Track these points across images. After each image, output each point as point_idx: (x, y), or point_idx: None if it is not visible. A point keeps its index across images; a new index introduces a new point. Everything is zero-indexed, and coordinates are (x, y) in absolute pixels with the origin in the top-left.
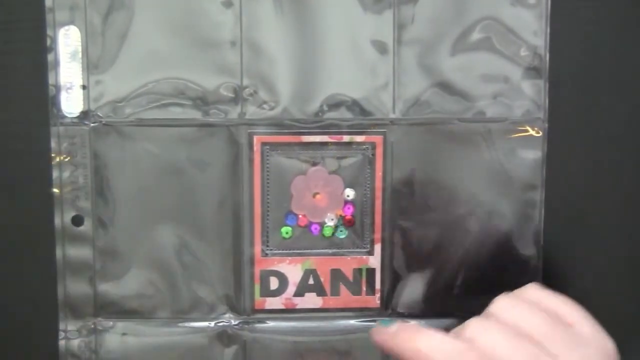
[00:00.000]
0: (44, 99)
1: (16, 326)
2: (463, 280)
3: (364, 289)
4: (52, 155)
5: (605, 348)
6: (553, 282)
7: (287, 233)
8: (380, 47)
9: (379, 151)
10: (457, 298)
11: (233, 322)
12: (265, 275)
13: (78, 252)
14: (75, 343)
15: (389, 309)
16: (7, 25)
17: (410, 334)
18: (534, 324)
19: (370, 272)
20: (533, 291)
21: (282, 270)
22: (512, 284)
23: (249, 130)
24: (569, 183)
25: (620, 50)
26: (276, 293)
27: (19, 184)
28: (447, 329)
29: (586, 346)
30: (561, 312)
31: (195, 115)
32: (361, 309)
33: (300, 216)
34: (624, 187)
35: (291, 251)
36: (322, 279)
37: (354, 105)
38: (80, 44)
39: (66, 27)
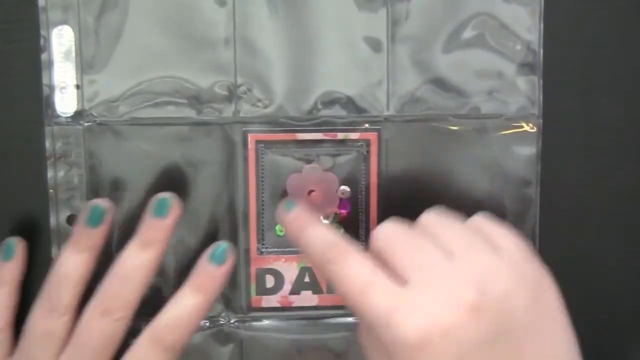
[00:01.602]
0: (37, 98)
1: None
2: None
3: None
4: (47, 155)
5: (527, 272)
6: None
7: (281, 230)
8: (374, 44)
9: (374, 148)
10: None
11: (229, 321)
12: (261, 274)
13: None
14: None
15: None
16: (0, 24)
17: (301, 224)
18: (449, 230)
19: None
20: (477, 218)
21: (278, 269)
22: None
23: (244, 129)
24: (564, 179)
25: (614, 46)
26: (272, 291)
27: (13, 183)
28: None
29: (496, 257)
30: (488, 231)
31: (190, 113)
32: None
33: None
34: (620, 183)
35: (287, 249)
36: (317, 277)
37: (348, 103)
38: (73, 43)
39: (59, 27)
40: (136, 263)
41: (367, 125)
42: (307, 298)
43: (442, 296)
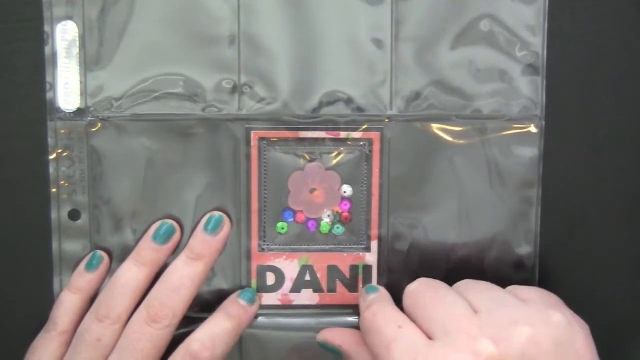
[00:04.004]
0: (41, 94)
1: (12, 321)
2: (459, 278)
3: (361, 286)
4: (49, 150)
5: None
6: (549, 281)
7: (282, 229)
8: (378, 44)
9: (377, 148)
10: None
11: None
12: (262, 271)
13: (75, 247)
14: None
15: None
16: (4, 20)
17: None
18: (477, 287)
19: (367, 269)
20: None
21: (279, 266)
22: (507, 282)
23: (247, 126)
24: (566, 181)
25: (618, 48)
26: (273, 289)
27: (15, 178)
28: None
29: (521, 307)
30: (516, 290)
31: (193, 110)
32: (358, 307)
33: (297, 212)
34: (622, 185)
35: (288, 247)
36: (318, 276)
37: (352, 102)
38: (78, 39)
39: (64, 23)
40: (185, 274)
41: (366, 125)
42: (308, 296)
43: (462, 350)
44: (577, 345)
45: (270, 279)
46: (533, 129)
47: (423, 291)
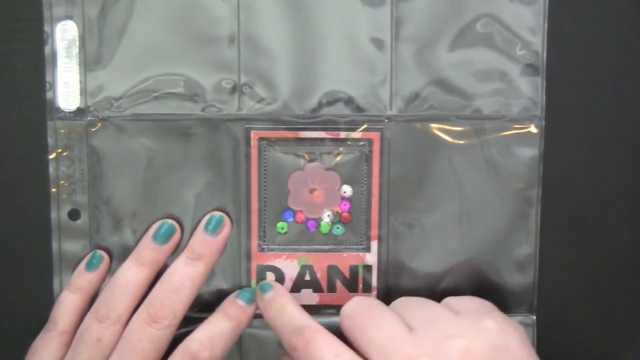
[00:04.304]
0: (40, 93)
1: (12, 321)
2: (458, 279)
3: (361, 286)
4: (49, 150)
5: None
6: (549, 281)
7: (282, 228)
8: (378, 44)
9: (376, 148)
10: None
11: None
12: (262, 271)
13: (74, 247)
14: None
15: None
16: (4, 20)
17: (274, 307)
18: (412, 305)
19: (367, 269)
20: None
21: (279, 266)
22: (507, 283)
23: (246, 126)
24: (566, 181)
25: (618, 48)
26: None
27: (15, 178)
28: None
29: (455, 320)
30: (452, 301)
31: (193, 110)
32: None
33: (297, 212)
34: (622, 185)
35: (288, 247)
36: (318, 275)
37: (351, 102)
38: (77, 39)
39: (63, 22)
40: (186, 274)
41: (365, 125)
42: (308, 296)
43: None
44: (512, 349)
45: (270, 278)
46: (533, 129)
47: (359, 313)
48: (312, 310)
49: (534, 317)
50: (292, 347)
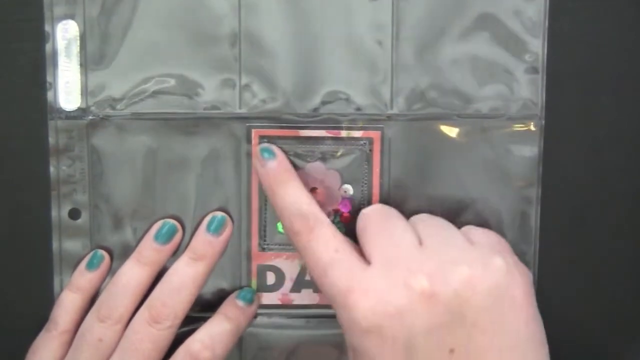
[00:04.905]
0: (41, 93)
1: (12, 321)
2: None
3: None
4: (50, 149)
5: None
6: (548, 280)
7: (283, 228)
8: (379, 43)
9: (377, 147)
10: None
11: None
12: (262, 270)
13: (75, 246)
14: None
15: None
16: (4, 20)
17: (279, 180)
18: (430, 223)
19: None
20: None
21: (279, 266)
22: None
23: (247, 124)
24: (566, 180)
25: (618, 48)
26: (273, 288)
27: (15, 178)
28: None
29: (466, 248)
30: (471, 230)
31: (194, 109)
32: None
33: None
34: (622, 185)
35: (288, 246)
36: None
37: (352, 101)
38: (78, 38)
39: (64, 22)
40: (187, 274)
41: (367, 124)
42: (308, 296)
43: (397, 281)
44: (515, 292)
45: (271, 278)
46: (533, 128)
47: (375, 216)
48: (312, 309)
49: None
50: (293, 231)
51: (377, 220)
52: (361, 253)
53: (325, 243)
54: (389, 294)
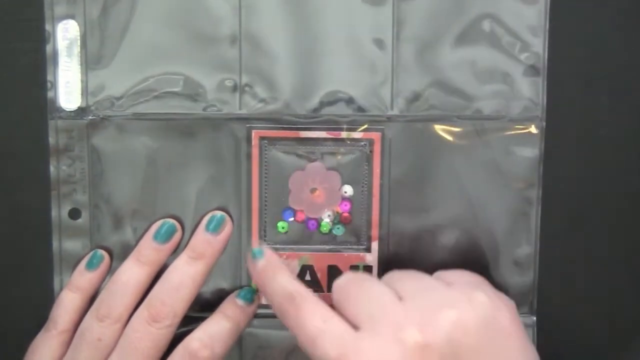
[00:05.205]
0: (42, 92)
1: (12, 320)
2: None
3: None
4: (50, 149)
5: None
6: (549, 281)
7: (282, 228)
8: (380, 44)
9: (377, 148)
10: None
11: None
12: None
13: (75, 246)
14: None
15: None
16: (5, 19)
17: (266, 274)
18: (402, 277)
19: (367, 269)
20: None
21: None
22: (506, 283)
23: (248, 125)
24: (566, 181)
25: (618, 49)
26: None
27: (15, 177)
28: None
29: (445, 292)
30: (443, 274)
31: (194, 109)
32: None
33: (297, 212)
34: (622, 186)
35: (288, 246)
36: (318, 275)
37: (352, 102)
38: (78, 38)
39: (65, 22)
40: (186, 273)
41: (366, 125)
42: None
43: (387, 338)
44: (503, 323)
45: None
46: (533, 129)
47: (349, 284)
48: None
49: (534, 318)
50: (282, 312)
51: (352, 287)
52: (348, 322)
53: (312, 316)
54: (383, 354)
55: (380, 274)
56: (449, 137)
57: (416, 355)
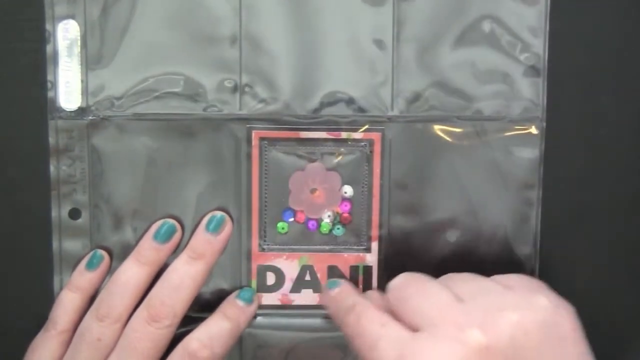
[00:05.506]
0: (42, 92)
1: (12, 320)
2: None
3: (361, 286)
4: (50, 149)
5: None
6: (549, 282)
7: (282, 228)
8: (380, 44)
9: (377, 148)
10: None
11: None
12: (262, 271)
13: (75, 246)
14: None
15: None
16: (5, 19)
17: (345, 302)
18: (459, 278)
19: (367, 269)
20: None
21: (279, 266)
22: None
23: (248, 125)
24: (566, 181)
25: (619, 49)
26: (273, 289)
27: (16, 177)
28: None
29: (506, 294)
30: (499, 277)
31: (194, 110)
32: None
33: (298, 212)
34: (622, 185)
35: (288, 247)
36: (318, 276)
37: (353, 102)
38: (79, 38)
39: (65, 22)
40: (186, 273)
41: (367, 126)
42: (308, 296)
43: (449, 339)
44: (564, 328)
45: (270, 278)
46: (534, 130)
47: (406, 284)
48: (312, 310)
49: None
50: (343, 323)
51: (409, 287)
52: (405, 324)
53: (371, 321)
54: (444, 354)
55: (380, 274)
56: (449, 138)
57: (479, 356)
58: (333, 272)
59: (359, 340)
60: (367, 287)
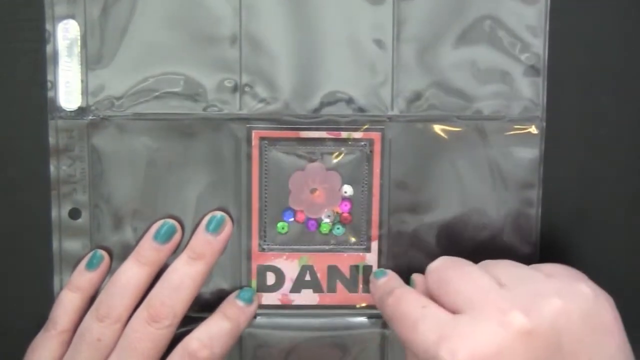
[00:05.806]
0: (42, 92)
1: (12, 320)
2: None
3: (361, 286)
4: (50, 148)
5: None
6: None
7: (282, 228)
8: (380, 44)
9: (377, 148)
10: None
11: None
12: (262, 271)
13: (75, 246)
14: None
15: None
16: (5, 19)
17: (389, 291)
18: (500, 264)
19: (367, 269)
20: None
21: (279, 266)
22: None
23: (248, 125)
24: (566, 181)
25: (618, 49)
26: (273, 289)
27: (16, 177)
28: None
29: (547, 281)
30: (540, 266)
31: (194, 109)
32: (357, 307)
33: (298, 212)
34: (622, 185)
35: (288, 247)
36: (318, 276)
37: (353, 102)
38: (79, 38)
39: (65, 21)
40: (186, 274)
41: (367, 125)
42: (308, 296)
43: (491, 322)
44: (605, 318)
45: (270, 278)
46: (534, 129)
47: (447, 267)
48: (312, 310)
49: None
50: (382, 305)
51: (449, 270)
52: (445, 307)
53: (412, 302)
54: (486, 337)
55: None
56: (449, 138)
57: (521, 339)
58: (333, 272)
59: (399, 322)
60: (367, 286)
